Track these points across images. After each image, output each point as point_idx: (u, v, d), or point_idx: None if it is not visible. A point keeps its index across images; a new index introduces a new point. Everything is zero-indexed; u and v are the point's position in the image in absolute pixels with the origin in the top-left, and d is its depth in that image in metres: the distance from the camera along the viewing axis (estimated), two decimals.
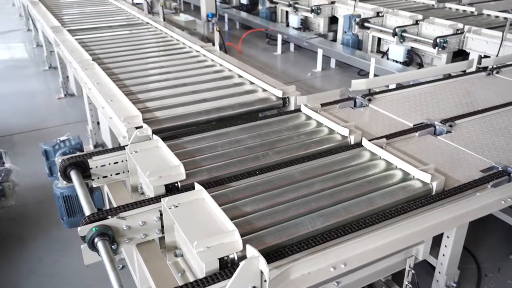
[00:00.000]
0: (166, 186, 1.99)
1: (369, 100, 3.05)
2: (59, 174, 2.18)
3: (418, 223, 1.76)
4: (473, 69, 3.96)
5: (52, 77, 6.26)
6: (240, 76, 3.58)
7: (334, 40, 7.25)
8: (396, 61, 5.74)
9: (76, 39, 4.61)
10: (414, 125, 2.69)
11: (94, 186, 2.28)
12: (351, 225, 1.74)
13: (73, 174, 2.17)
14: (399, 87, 3.47)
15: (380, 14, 6.48)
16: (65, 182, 2.21)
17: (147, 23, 5.61)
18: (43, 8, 6.36)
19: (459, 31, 5.49)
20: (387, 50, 6.03)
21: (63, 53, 4.47)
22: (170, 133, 2.56)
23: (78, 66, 3.73)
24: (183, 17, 7.40)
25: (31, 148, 4.25)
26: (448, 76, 3.82)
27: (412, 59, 5.81)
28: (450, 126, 2.65)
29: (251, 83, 3.42)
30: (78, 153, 2.34)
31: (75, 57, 3.97)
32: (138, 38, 4.93)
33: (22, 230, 3.20)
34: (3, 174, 2.84)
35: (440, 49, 5.34)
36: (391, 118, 2.82)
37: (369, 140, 2.37)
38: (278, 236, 1.69)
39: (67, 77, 5.21)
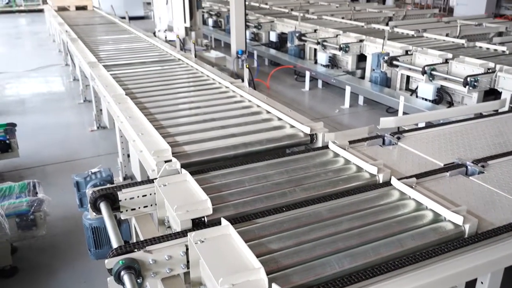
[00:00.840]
0: (193, 220, 2.00)
1: (398, 138, 3.02)
2: (89, 205, 2.23)
3: (450, 267, 1.70)
4: (506, 108, 3.88)
5: (86, 110, 6.47)
6: (268, 112, 3.62)
7: (362, 77, 7.27)
8: (426, 99, 5.69)
9: (110, 74, 4.78)
10: (444, 165, 2.64)
11: (122, 218, 2.31)
12: (380, 267, 1.69)
13: (102, 206, 2.20)
14: (429, 125, 3.43)
15: (409, 53, 6.50)
16: (94, 214, 2.25)
17: (179, 59, 5.78)
18: (81, 44, 6.66)
19: (490, 70, 5.43)
20: (416, 88, 6.01)
21: (98, 87, 4.63)
22: (198, 167, 2.59)
23: (112, 100, 3.85)
24: (213, 54, 7.60)
25: (63, 179, 4.36)
26: (480, 116, 3.75)
27: (442, 97, 5.75)
28: (483, 166, 2.58)
29: (279, 119, 3.45)
30: (108, 185, 2.38)
31: (109, 91, 4.11)
32: (170, 74, 5.08)
33: (51, 260, 3.24)
34: (35, 204, 2.91)
35: (470, 88, 5.28)
36: (421, 157, 2.77)
37: (398, 179, 2.33)
38: (304, 276, 1.66)
39: (101, 110, 5.38)
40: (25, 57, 10.17)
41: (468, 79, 5.26)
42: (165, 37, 8.31)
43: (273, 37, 9.58)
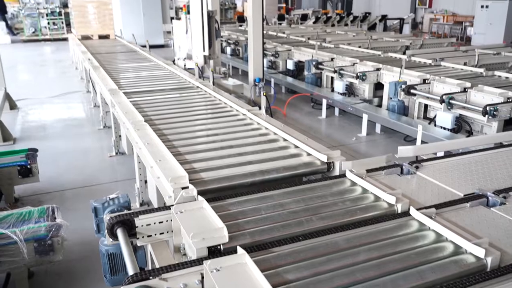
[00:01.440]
0: (209, 248, 1.99)
1: (417, 167, 2.98)
2: (106, 231, 2.24)
3: None
4: None
5: (105, 136, 6.58)
6: (285, 140, 3.63)
7: (380, 105, 7.26)
8: (444, 128, 5.64)
9: (130, 101, 4.88)
10: (465, 195, 2.59)
11: (138, 245, 2.31)
12: None
13: (119, 232, 2.21)
14: (448, 154, 3.39)
15: (426, 81, 6.49)
16: (111, 240, 2.26)
17: (197, 87, 5.87)
18: (102, 72, 6.83)
19: (510, 99, 5.37)
20: (434, 116, 5.96)
21: (117, 114, 4.72)
22: (215, 195, 2.59)
23: (131, 126, 3.92)
24: (231, 81, 7.70)
25: (82, 204, 4.40)
26: (500, 145, 3.69)
27: (461, 126, 5.70)
28: (504, 197, 2.52)
29: (296, 146, 3.45)
30: (125, 211, 2.40)
31: (128, 118, 4.18)
32: (188, 101, 5.16)
33: (67, 286, 3.25)
34: (53, 229, 2.94)
35: (490, 117, 5.22)
36: (440, 187, 2.73)
37: (417, 209, 2.29)
38: None
39: (120, 136, 5.46)
40: (49, 84, 10.45)
41: (487, 108, 5.21)
42: (184, 65, 8.48)
43: (290, 65, 9.68)
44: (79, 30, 12.49)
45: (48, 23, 18.69)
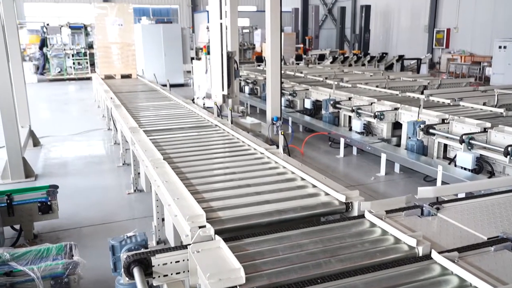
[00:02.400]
0: None
1: (438, 209, 2.92)
2: (122, 270, 2.23)
3: None
4: None
5: (124, 173, 6.65)
6: (302, 179, 3.62)
7: (398, 145, 7.21)
8: (465, 169, 5.55)
9: (150, 139, 4.96)
10: (488, 239, 2.51)
11: (154, 284, 2.29)
12: None
13: (135, 271, 2.20)
14: (470, 196, 3.32)
15: (445, 121, 6.45)
16: (127, 279, 2.24)
17: (216, 125, 5.95)
18: (124, 110, 6.99)
19: None
20: (455, 156, 5.88)
21: (137, 151, 4.79)
22: (232, 234, 2.57)
23: (150, 164, 3.96)
24: (249, 120, 7.78)
25: (99, 241, 4.41)
26: None
27: (482, 166, 5.60)
28: None
29: (314, 186, 3.43)
30: (142, 250, 2.39)
31: (147, 155, 4.24)
32: (206, 139, 5.22)
33: None
34: (70, 267, 2.94)
35: None
36: (462, 230, 2.66)
37: (439, 253, 2.23)
38: None
39: (138, 173, 5.51)
40: (71, 121, 10.72)
41: (509, 148, 5.12)
42: (203, 104, 8.63)
43: (308, 104, 9.76)
44: (103, 69, 12.89)
45: (74, 63, 19.36)
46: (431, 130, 6.29)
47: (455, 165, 5.74)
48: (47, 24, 19.90)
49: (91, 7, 12.84)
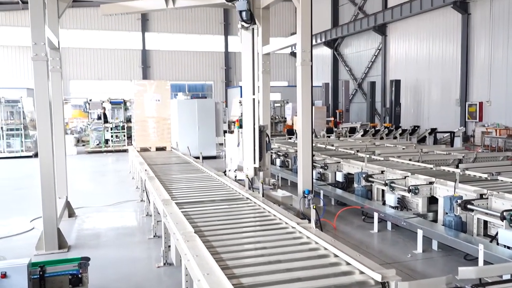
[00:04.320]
0: None
1: None
2: None
3: None
4: None
5: (155, 246, 6.64)
6: (335, 256, 3.52)
7: (435, 220, 6.96)
8: (509, 248, 5.25)
9: (182, 211, 5.00)
10: None
11: None
12: None
13: None
14: None
15: (483, 196, 6.23)
16: None
17: (247, 198, 5.96)
18: (157, 182, 7.13)
19: None
20: (496, 234, 5.61)
21: (168, 224, 4.82)
22: None
23: (181, 237, 3.96)
24: (280, 193, 7.75)
25: None
26: None
27: None
28: None
29: (348, 263, 3.32)
30: None
31: (179, 228, 4.26)
32: (237, 212, 5.21)
33: None
34: None
35: None
36: None
37: None
38: None
39: (169, 246, 5.49)
40: (106, 192, 10.97)
41: None
42: (235, 176, 8.70)
43: (339, 177, 9.69)
44: (139, 142, 13.37)
45: (112, 136, 20.20)
46: (469, 206, 6.07)
47: (497, 243, 5.45)
48: (90, 100, 21.11)
49: (131, 84, 13.61)
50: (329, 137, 18.34)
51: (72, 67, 33.46)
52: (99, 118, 20.42)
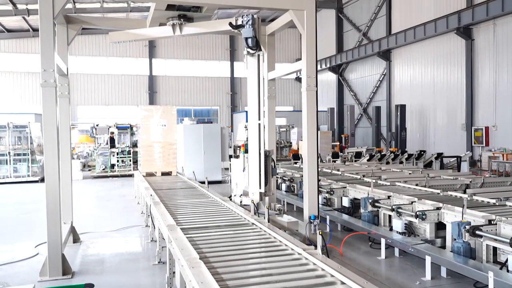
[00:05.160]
0: None
1: None
2: None
3: None
4: None
5: (159, 272, 6.57)
6: (342, 283, 3.46)
7: (443, 246, 6.85)
8: None
9: (187, 237, 4.97)
10: None
11: None
12: None
13: None
14: None
15: (492, 222, 6.14)
16: None
17: (253, 223, 5.92)
18: (162, 207, 7.11)
19: None
20: (506, 260, 5.51)
21: (173, 250, 4.78)
22: None
23: (186, 263, 3.92)
24: (286, 218, 7.70)
25: None
26: None
27: None
28: None
29: None
30: None
31: (184, 254, 4.22)
32: (243, 238, 5.17)
33: None
34: None
35: None
36: None
37: None
38: None
39: (174, 273, 5.43)
40: (111, 218, 10.93)
41: None
42: (241, 202, 8.66)
43: (345, 202, 9.61)
44: (145, 167, 13.40)
45: (118, 161, 20.27)
46: (477, 232, 5.98)
47: (507, 270, 5.35)
48: (97, 125, 21.30)
49: (138, 109, 13.74)
50: (334, 161, 18.31)
51: (80, 92, 33.94)
52: (106, 143, 20.55)
